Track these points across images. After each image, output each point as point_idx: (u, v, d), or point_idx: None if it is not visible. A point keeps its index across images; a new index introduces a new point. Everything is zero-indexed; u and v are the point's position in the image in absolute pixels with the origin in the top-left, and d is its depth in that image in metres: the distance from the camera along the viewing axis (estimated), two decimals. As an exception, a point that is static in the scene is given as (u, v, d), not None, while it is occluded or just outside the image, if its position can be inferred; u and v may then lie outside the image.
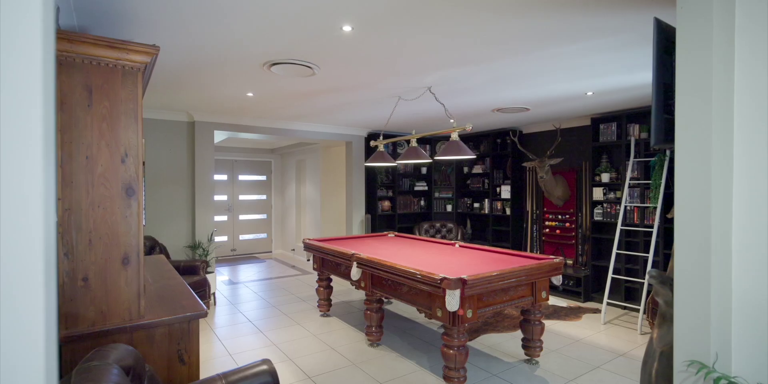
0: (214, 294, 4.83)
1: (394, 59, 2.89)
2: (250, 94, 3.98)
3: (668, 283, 1.43)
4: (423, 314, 2.90)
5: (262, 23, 2.28)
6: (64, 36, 1.57)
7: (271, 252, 8.84)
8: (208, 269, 4.80)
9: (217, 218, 8.14)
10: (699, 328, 1.21)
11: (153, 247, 4.47)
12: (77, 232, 1.63)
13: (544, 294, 3.15)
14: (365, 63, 2.97)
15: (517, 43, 2.59)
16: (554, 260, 3.14)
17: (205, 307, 1.95)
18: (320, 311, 4.44)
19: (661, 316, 1.54)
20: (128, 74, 1.74)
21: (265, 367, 1.82)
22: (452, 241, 4.27)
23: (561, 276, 3.19)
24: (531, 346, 3.20)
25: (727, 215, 1.16)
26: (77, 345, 1.62)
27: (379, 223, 6.38)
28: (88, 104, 1.66)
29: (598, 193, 4.93)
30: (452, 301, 2.51)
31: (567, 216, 5.40)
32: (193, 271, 4.43)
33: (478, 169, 6.49)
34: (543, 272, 3.04)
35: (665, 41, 1.34)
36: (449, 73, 3.23)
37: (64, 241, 1.60)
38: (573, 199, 5.35)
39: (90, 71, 1.66)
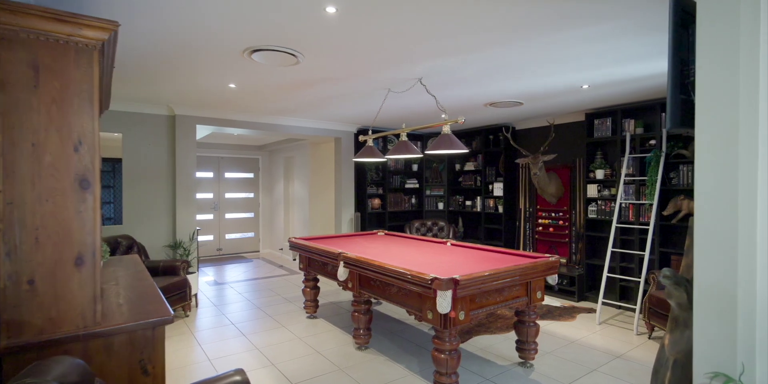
0: (195, 295, 4.63)
1: (382, 46, 2.72)
2: (232, 86, 3.79)
3: (683, 284, 1.29)
4: (413, 316, 2.75)
5: (239, 2, 2.10)
6: (4, 6, 1.38)
7: (258, 251, 8.63)
8: (190, 270, 4.60)
9: (203, 217, 7.91)
10: (723, 336, 1.06)
11: (130, 246, 4.25)
12: (21, 229, 1.44)
13: (539, 294, 3.02)
14: (352, 50, 2.80)
15: (512, 30, 2.44)
16: (550, 259, 3.01)
17: (172, 312, 1.77)
18: (307, 313, 4.27)
19: (673, 320, 1.40)
20: (82, 52, 1.55)
21: (237, 378, 1.65)
22: (444, 240, 4.12)
23: (557, 275, 3.06)
24: (525, 348, 3.06)
25: (755, 208, 1.02)
26: (21, 357, 1.43)
27: (369, 221, 6.22)
28: (35, 85, 1.47)
29: (592, 190, 4.82)
30: (443, 302, 2.36)
31: (560, 214, 5.29)
32: (173, 272, 4.23)
33: (470, 166, 6.36)
34: (538, 272, 2.91)
35: (682, 13, 1.20)
36: (441, 63, 3.08)
37: (6, 240, 1.42)
38: (567, 196, 5.24)
39: (37, 48, 1.47)
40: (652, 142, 4.31)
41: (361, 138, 4.06)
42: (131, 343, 1.64)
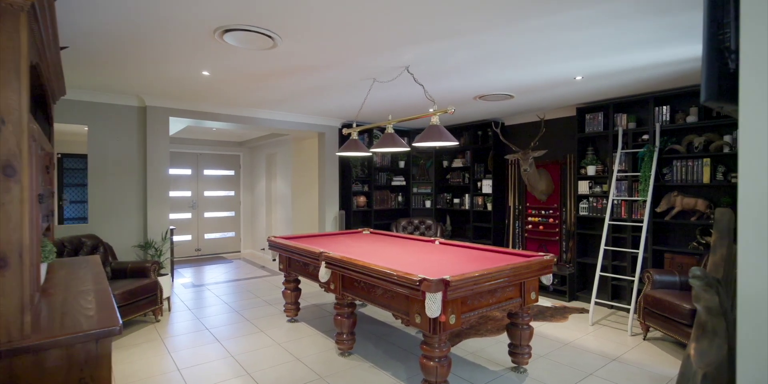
0: (168, 299, 4.34)
1: (366, 27, 2.51)
2: (205, 73, 3.52)
3: (714, 285, 1.10)
4: (400, 320, 2.55)
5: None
6: None
7: (239, 252, 8.31)
8: (162, 271, 4.31)
9: (180, 216, 7.58)
10: (776, 350, 0.87)
11: (95, 246, 3.95)
12: (-76, 224, 1.18)
13: (533, 295, 2.85)
14: (334, 31, 2.58)
15: (501, 11, 2.25)
16: (544, 258, 2.84)
17: (120, 321, 1.52)
18: (287, 316, 4.02)
19: (699, 326, 1.21)
20: (6, 14, 1.30)
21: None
22: (432, 238, 3.93)
23: (551, 275, 2.89)
24: (519, 352, 2.89)
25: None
26: (-76, 380, 1.18)
27: (354, 219, 6.00)
28: (-58, 50, 1.21)
29: (583, 187, 4.69)
30: (433, 305, 2.16)
31: (551, 211, 5.16)
32: (143, 274, 3.94)
33: (458, 163, 6.19)
34: (532, 271, 2.74)
35: (717, -35, 1.02)
36: (429, 49, 2.88)
37: None
38: (557, 193, 5.11)
39: (-55, 5, 1.22)
40: (645, 137, 4.19)
41: (345, 131, 3.84)
42: (69, 358, 1.40)
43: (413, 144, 3.13)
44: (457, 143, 3.12)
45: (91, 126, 4.27)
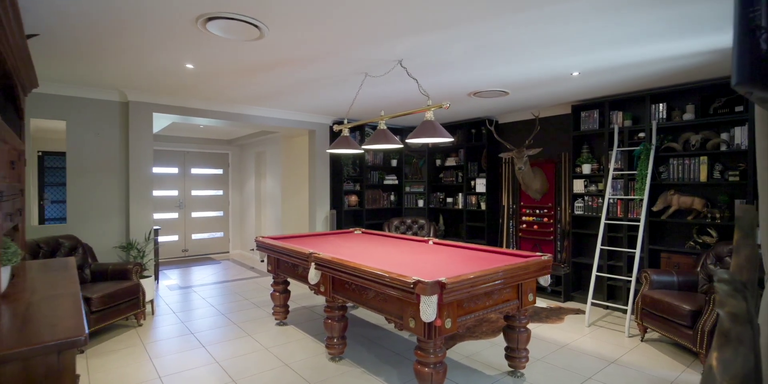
0: (152, 302, 4.17)
1: (358, 15, 2.38)
2: (189, 66, 3.37)
3: (742, 290, 1.00)
4: (392, 324, 2.43)
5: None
6: None
7: (228, 252, 8.13)
8: (144, 273, 4.14)
9: (167, 216, 7.38)
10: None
11: (74, 247, 3.77)
12: None
13: (530, 297, 2.75)
14: (324, 20, 2.45)
15: (499, 1, 2.15)
16: (542, 258, 2.74)
17: (86, 330, 1.38)
18: (276, 319, 3.88)
19: (722, 335, 1.10)
20: (-49, -13, 1.16)
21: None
22: (425, 238, 3.82)
23: (549, 276, 2.80)
24: (516, 356, 2.79)
25: None
26: None
27: (345, 219, 5.87)
28: None
29: (578, 186, 4.62)
30: (428, 309, 2.05)
31: (545, 210, 5.08)
32: (124, 276, 3.77)
33: (451, 162, 6.09)
34: (530, 272, 2.64)
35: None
36: (422, 41, 2.76)
37: None
38: (552, 192, 5.04)
39: None
40: (641, 135, 4.13)
41: (335, 127, 3.72)
42: (26, 373, 1.26)
43: (407, 140, 3.01)
44: (452, 139, 3.01)
45: (70, 121, 4.08)
